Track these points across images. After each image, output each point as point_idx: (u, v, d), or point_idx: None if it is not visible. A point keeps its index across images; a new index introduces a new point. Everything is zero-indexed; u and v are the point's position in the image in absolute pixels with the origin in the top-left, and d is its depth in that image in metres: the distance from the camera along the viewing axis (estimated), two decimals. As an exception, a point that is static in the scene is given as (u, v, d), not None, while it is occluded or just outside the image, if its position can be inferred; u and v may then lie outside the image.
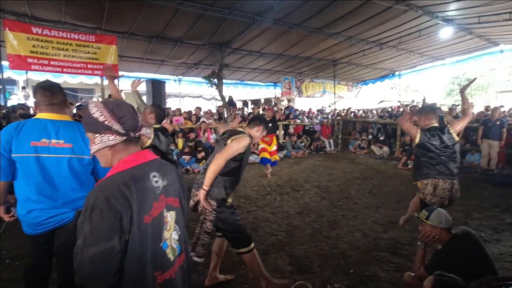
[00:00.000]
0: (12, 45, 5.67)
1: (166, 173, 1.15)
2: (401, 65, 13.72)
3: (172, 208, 1.14)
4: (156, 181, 1.08)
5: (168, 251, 1.09)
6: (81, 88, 13.68)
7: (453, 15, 8.06)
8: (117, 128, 1.06)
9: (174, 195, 1.17)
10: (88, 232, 0.90)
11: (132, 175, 1.02)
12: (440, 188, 2.87)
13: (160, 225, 1.07)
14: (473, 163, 7.77)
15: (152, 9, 6.67)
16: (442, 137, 2.88)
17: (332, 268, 2.81)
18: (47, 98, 1.77)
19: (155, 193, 1.06)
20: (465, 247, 1.82)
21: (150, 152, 1.16)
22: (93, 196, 0.94)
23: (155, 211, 1.05)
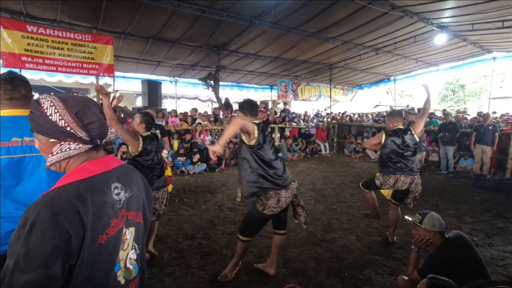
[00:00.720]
0: (6, 43, 5.61)
1: (130, 183, 0.99)
2: (397, 70, 13.87)
3: (132, 223, 0.97)
4: (118, 194, 0.92)
5: (119, 273, 0.93)
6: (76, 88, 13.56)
7: (447, 22, 8.19)
8: (81, 135, 0.88)
9: (137, 209, 1.01)
10: (23, 254, 0.72)
11: (89, 186, 0.85)
12: (401, 182, 3.24)
13: (116, 245, 0.90)
14: (466, 168, 7.87)
15: (149, 10, 6.66)
16: (404, 137, 3.21)
17: (326, 272, 2.81)
18: (7, 91, 1.55)
19: (115, 208, 0.90)
20: (458, 251, 1.84)
21: (114, 158, 1.01)
22: (34, 210, 0.76)
23: (113, 229, 0.88)
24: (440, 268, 1.75)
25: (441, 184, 6.54)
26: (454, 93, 25.92)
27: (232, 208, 4.67)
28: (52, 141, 0.88)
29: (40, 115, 0.86)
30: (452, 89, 26.06)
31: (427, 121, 10.30)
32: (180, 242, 3.43)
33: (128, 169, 1.04)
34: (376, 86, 16.50)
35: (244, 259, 3.03)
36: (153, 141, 2.92)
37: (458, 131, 7.94)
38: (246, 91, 15.81)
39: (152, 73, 12.29)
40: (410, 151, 3.22)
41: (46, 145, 0.89)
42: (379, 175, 3.38)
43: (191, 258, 3.06)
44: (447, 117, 8.19)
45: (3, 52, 5.59)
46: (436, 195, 5.62)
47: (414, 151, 3.25)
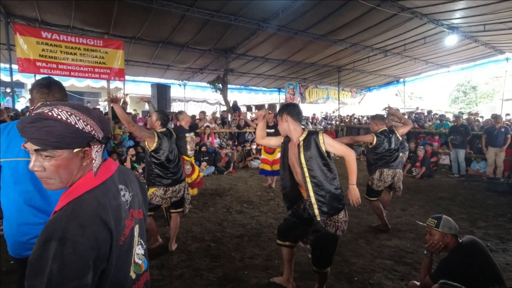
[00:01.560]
0: (22, 49, 5.77)
1: (130, 183, 1.02)
2: (406, 72, 13.72)
3: (136, 221, 1.01)
4: (124, 195, 0.94)
5: (131, 269, 0.96)
6: (87, 92, 13.85)
7: (458, 23, 8.07)
8: (101, 137, 0.89)
9: (138, 206, 1.04)
10: (56, 270, 0.71)
11: (104, 193, 0.86)
12: (385, 174, 3.77)
13: (131, 244, 0.94)
14: (479, 171, 7.71)
15: (159, 15, 6.77)
16: (390, 137, 3.76)
17: (336, 275, 2.79)
18: (43, 95, 1.57)
19: (125, 209, 0.93)
20: (471, 256, 1.80)
21: (112, 161, 0.99)
22: (60, 226, 0.76)
23: (127, 229, 0.92)
24: (453, 273, 1.72)
25: (453, 188, 6.42)
26: (466, 95, 25.44)
27: (240, 211, 4.68)
28: (76, 151, 0.85)
29: (62, 127, 0.82)
30: (464, 91, 25.57)
31: (438, 124, 10.16)
32: (189, 244, 3.45)
33: (125, 169, 1.06)
34: (385, 88, 16.34)
35: (253, 262, 3.04)
36: (167, 137, 3.13)
37: (469, 134, 7.79)
38: (254, 94, 15.86)
39: (161, 77, 12.46)
40: (394, 149, 3.78)
41: (66, 159, 0.85)
42: (369, 177, 3.89)
43: (200, 260, 3.08)
44: (458, 120, 8.06)
45: (19, 58, 5.75)
46: (447, 198, 5.52)
47: (397, 149, 3.82)
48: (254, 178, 7.15)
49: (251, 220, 4.26)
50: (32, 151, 0.84)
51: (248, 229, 3.92)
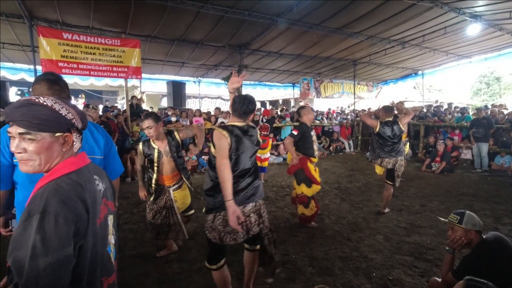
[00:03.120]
0: (45, 51, 6.01)
1: (103, 176, 1.09)
2: (425, 64, 13.26)
3: (111, 212, 1.09)
4: (98, 184, 1.02)
5: (111, 255, 1.06)
6: (105, 90, 14.24)
7: (481, 11, 7.71)
8: (80, 126, 1.00)
9: (112, 199, 1.12)
10: (39, 240, 0.77)
11: (81, 176, 0.95)
12: (385, 162, 4.19)
13: (106, 229, 1.02)
14: (503, 166, 7.41)
15: (174, 13, 6.84)
16: (394, 127, 4.09)
17: (354, 271, 2.78)
18: (55, 92, 1.54)
19: (99, 196, 1.01)
20: (497, 252, 1.75)
21: (85, 155, 1.06)
22: (41, 201, 0.82)
23: (102, 214, 1.00)
24: (477, 270, 1.68)
25: (475, 183, 6.21)
26: (489, 86, 24.35)
27: (256, 206, 4.72)
28: (58, 135, 0.93)
29: (47, 111, 0.91)
30: (486, 82, 24.49)
31: (459, 117, 9.81)
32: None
33: (96, 165, 1.13)
34: (402, 81, 15.86)
35: (271, 256, 3.07)
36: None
37: (493, 127, 7.48)
38: (268, 89, 15.81)
39: (176, 74, 12.62)
40: (396, 138, 4.12)
41: (48, 142, 0.92)
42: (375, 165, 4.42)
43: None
44: (480, 112, 7.75)
45: (42, 59, 5.99)
46: (470, 194, 5.36)
47: (399, 140, 4.16)
48: (270, 173, 7.17)
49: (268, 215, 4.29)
50: (16, 134, 0.90)
51: (264, 224, 3.95)
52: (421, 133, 9.21)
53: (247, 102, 2.01)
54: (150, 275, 2.75)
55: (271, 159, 8.74)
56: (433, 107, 12.65)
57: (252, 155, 2.13)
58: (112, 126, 6.63)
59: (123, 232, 3.71)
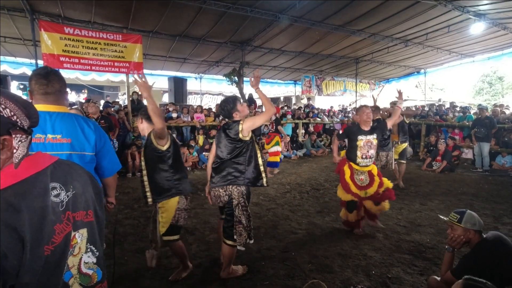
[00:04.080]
0: (47, 45, 6.00)
1: (71, 180, 0.86)
2: (427, 62, 13.21)
3: (82, 225, 0.86)
4: (57, 195, 0.80)
5: (72, 281, 0.83)
6: (107, 86, 14.23)
7: (485, 10, 7.66)
8: (26, 125, 0.77)
9: (86, 207, 0.89)
10: None
11: (20, 193, 0.72)
12: (380, 155, 5.00)
13: (64, 253, 0.79)
14: (504, 166, 7.40)
15: (176, 8, 6.82)
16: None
17: (353, 269, 2.79)
18: (42, 86, 1.53)
19: (57, 211, 0.78)
20: (496, 252, 1.75)
21: (45, 155, 0.86)
22: None
23: (59, 236, 0.77)
24: (477, 269, 1.68)
25: (476, 182, 6.20)
26: (491, 86, 24.23)
27: (257, 203, 4.73)
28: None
29: None
30: (489, 82, 24.35)
31: (460, 116, 9.78)
32: (207, 235, 3.54)
33: (67, 164, 0.91)
34: (404, 79, 15.82)
35: (270, 253, 3.08)
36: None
37: (495, 127, 7.46)
38: (270, 86, 15.77)
39: (178, 70, 12.60)
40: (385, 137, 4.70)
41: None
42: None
43: (218, 250, 3.13)
44: (482, 112, 7.71)
45: (44, 53, 5.98)
46: (470, 193, 5.35)
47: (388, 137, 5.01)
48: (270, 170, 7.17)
49: (268, 212, 4.30)
50: None
51: (265, 221, 3.96)
52: (423, 132, 9.18)
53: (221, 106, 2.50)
54: (150, 269, 2.76)
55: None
56: (435, 106, 12.60)
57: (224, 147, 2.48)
58: (113, 121, 6.63)
59: (123, 227, 3.73)
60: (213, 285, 2.54)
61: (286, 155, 9.12)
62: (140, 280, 2.59)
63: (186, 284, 2.54)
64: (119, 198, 5.04)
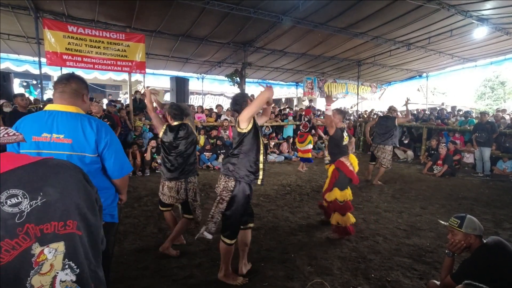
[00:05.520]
0: (50, 43, 6.02)
1: (42, 186, 0.77)
2: (430, 66, 13.20)
3: (56, 238, 0.76)
4: (14, 204, 0.71)
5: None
6: (109, 84, 14.26)
7: (488, 14, 7.66)
8: None
9: (62, 217, 0.78)
10: None
11: None
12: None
13: (20, 272, 0.71)
14: (505, 171, 7.39)
15: (179, 8, 6.84)
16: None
17: (352, 271, 2.79)
18: (61, 85, 1.62)
19: (9, 224, 0.70)
20: (497, 257, 1.75)
21: (14, 156, 0.79)
22: None
23: (6, 254, 0.69)
24: (477, 274, 1.68)
25: (477, 187, 6.19)
26: (493, 91, 24.20)
27: (257, 204, 4.73)
28: None
29: None
30: (491, 86, 24.33)
31: (462, 120, 9.77)
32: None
33: (46, 167, 0.81)
34: (406, 83, 15.83)
35: (270, 254, 3.09)
36: (172, 131, 2.97)
37: (496, 131, 7.45)
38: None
39: (180, 70, 12.62)
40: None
41: None
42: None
43: (218, 251, 3.14)
44: (483, 117, 7.70)
45: (47, 51, 6.00)
46: (471, 198, 5.34)
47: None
48: (271, 171, 7.18)
49: (268, 214, 4.31)
50: None
51: (264, 222, 3.97)
52: (424, 136, 9.17)
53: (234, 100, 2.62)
54: (149, 269, 2.77)
55: (272, 157, 8.75)
56: (437, 110, 12.59)
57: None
58: (116, 120, 6.64)
59: (123, 226, 3.73)
60: (213, 285, 2.54)
61: (287, 156, 9.13)
62: (140, 280, 2.60)
63: (186, 284, 2.55)
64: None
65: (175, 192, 2.98)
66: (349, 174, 3.57)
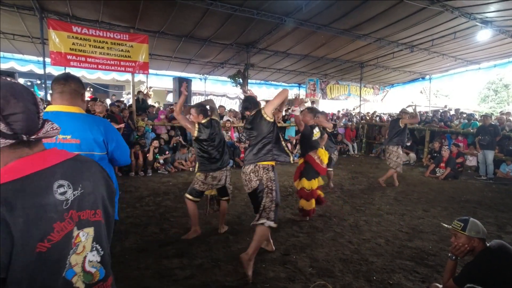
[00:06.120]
0: (54, 43, 6.06)
1: (81, 179, 0.87)
2: (433, 68, 13.17)
3: (88, 224, 0.88)
4: (63, 193, 0.81)
5: (76, 279, 0.84)
6: (112, 84, 14.33)
7: (492, 17, 7.64)
8: (4, 129, 0.75)
9: (93, 207, 0.90)
10: None
11: (19, 189, 0.73)
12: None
13: (64, 250, 0.81)
14: (508, 174, 7.34)
15: (183, 9, 6.87)
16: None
17: (354, 274, 2.77)
18: (59, 85, 1.64)
19: (59, 209, 0.79)
20: (500, 261, 1.74)
21: (58, 152, 0.87)
22: None
23: (57, 234, 0.78)
24: (479, 278, 1.67)
25: (480, 190, 6.16)
26: (497, 93, 24.09)
27: (258, 205, 4.72)
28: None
29: None
30: (494, 89, 24.22)
31: (465, 123, 9.71)
32: (208, 235, 3.54)
33: (80, 162, 0.91)
34: (409, 85, 15.79)
35: (271, 256, 3.08)
36: (207, 128, 3.26)
37: (499, 134, 7.40)
38: (274, 89, 15.79)
39: (183, 71, 12.67)
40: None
41: None
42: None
43: (219, 251, 3.15)
44: (486, 119, 7.64)
45: (52, 51, 6.05)
46: (474, 201, 5.31)
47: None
48: (272, 173, 7.17)
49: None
50: None
51: (266, 223, 3.95)
52: (427, 138, 9.13)
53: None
54: (150, 269, 2.77)
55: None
56: (440, 112, 12.54)
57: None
58: (118, 120, 6.67)
59: (125, 226, 3.74)
60: (214, 285, 2.54)
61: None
62: (140, 280, 2.60)
63: (186, 285, 2.55)
64: (122, 196, 5.06)
65: (218, 180, 3.35)
66: (316, 167, 3.94)
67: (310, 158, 3.95)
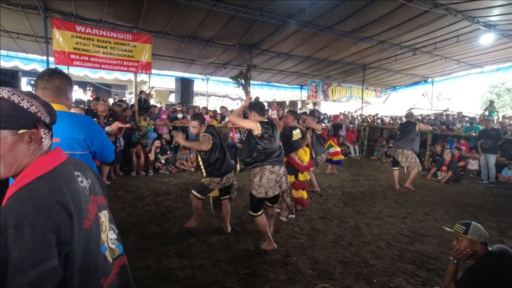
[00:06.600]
0: (58, 42, 6.09)
1: (86, 171, 0.98)
2: (435, 71, 13.15)
3: (103, 207, 1.00)
4: (82, 181, 0.92)
5: (107, 254, 0.96)
6: (114, 84, 14.37)
7: (495, 21, 7.62)
8: (48, 121, 0.87)
9: (101, 193, 1.03)
10: (17, 257, 0.68)
11: (59, 177, 0.84)
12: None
13: (98, 228, 0.92)
14: (510, 178, 7.31)
15: (186, 10, 6.89)
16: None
17: (355, 276, 2.77)
18: (42, 81, 1.57)
19: (85, 194, 0.90)
20: (501, 265, 1.73)
21: (61, 150, 0.95)
22: (13, 212, 0.72)
23: (91, 213, 0.90)
24: (481, 282, 1.67)
25: (481, 194, 6.13)
26: (499, 97, 24.01)
27: (259, 206, 4.72)
28: (22, 133, 0.81)
29: (4, 105, 0.78)
30: (497, 93, 24.15)
31: (467, 126, 9.69)
32: (209, 236, 3.54)
33: (77, 159, 1.02)
34: (411, 88, 15.76)
35: (271, 257, 3.08)
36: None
37: (501, 138, 7.38)
38: (276, 90, 15.82)
39: (185, 71, 12.69)
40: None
41: (11, 142, 0.80)
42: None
43: (220, 252, 3.15)
44: (488, 123, 7.62)
45: (55, 51, 6.08)
46: (475, 205, 5.29)
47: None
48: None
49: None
50: None
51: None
52: (428, 141, 9.11)
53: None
54: (150, 269, 2.77)
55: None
56: (443, 115, 12.52)
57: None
58: (121, 119, 6.68)
59: (126, 225, 3.75)
60: (214, 286, 2.54)
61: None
62: (141, 280, 2.60)
63: (187, 285, 2.55)
64: (123, 196, 5.07)
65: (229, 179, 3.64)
66: (296, 166, 4.33)
67: (291, 158, 4.33)
